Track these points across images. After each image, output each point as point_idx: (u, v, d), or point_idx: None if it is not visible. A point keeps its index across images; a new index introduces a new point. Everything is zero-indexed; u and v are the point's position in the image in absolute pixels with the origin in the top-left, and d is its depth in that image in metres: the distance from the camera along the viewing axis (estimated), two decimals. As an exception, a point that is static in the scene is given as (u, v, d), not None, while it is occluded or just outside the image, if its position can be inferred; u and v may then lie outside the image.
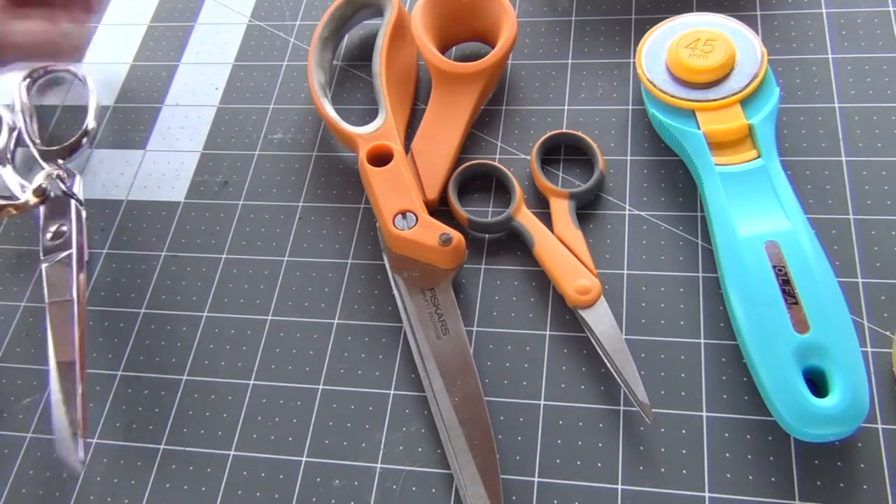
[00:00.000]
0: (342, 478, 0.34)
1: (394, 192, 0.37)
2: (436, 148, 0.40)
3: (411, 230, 0.36)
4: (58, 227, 0.41)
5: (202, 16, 0.51)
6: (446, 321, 0.36)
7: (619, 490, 0.32)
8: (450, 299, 0.36)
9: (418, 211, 0.37)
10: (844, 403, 0.31)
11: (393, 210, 0.37)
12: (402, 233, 0.36)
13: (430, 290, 0.36)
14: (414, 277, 0.37)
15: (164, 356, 0.39)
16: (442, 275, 0.37)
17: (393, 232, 0.36)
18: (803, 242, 0.34)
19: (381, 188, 0.37)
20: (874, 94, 0.40)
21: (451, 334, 0.35)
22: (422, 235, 0.36)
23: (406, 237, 0.36)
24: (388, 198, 0.37)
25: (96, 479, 0.36)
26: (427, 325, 0.36)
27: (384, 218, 0.37)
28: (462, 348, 0.35)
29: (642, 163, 0.40)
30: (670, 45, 0.40)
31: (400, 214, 0.37)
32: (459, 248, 0.36)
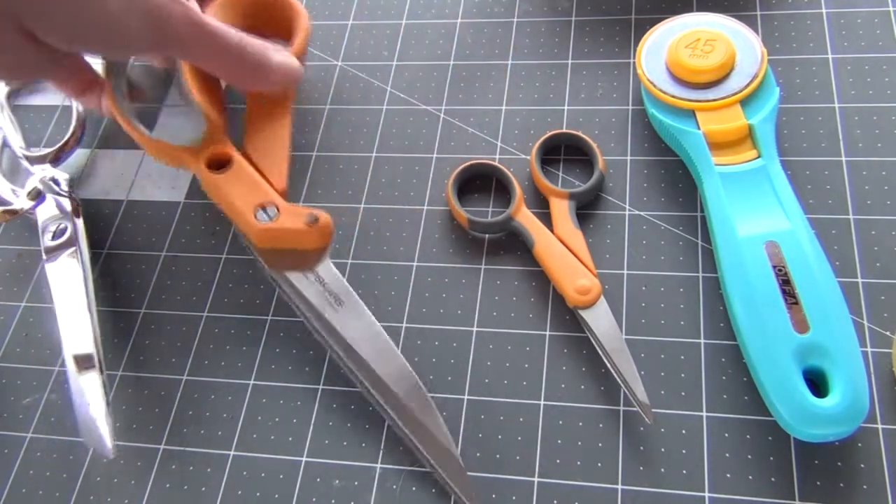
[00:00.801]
0: (342, 478, 0.34)
1: (246, 191, 0.37)
2: (268, 142, 0.40)
3: (277, 220, 0.36)
4: (57, 227, 0.41)
5: (202, 16, 0.51)
6: (337, 294, 0.36)
7: (619, 490, 0.32)
8: (334, 275, 0.37)
9: (276, 200, 0.37)
10: (844, 403, 0.31)
11: (251, 206, 0.37)
12: (268, 224, 0.36)
13: (311, 271, 0.37)
14: (293, 267, 0.37)
15: (164, 356, 0.39)
16: (317, 256, 0.37)
17: (258, 227, 0.36)
18: (803, 242, 0.34)
19: (232, 190, 0.37)
20: (874, 94, 0.40)
21: (345, 304, 0.36)
22: (289, 221, 0.36)
23: (273, 227, 0.36)
24: (242, 197, 0.37)
25: (96, 479, 0.36)
26: (321, 302, 0.36)
27: (244, 216, 0.37)
28: (360, 311, 0.36)
29: (642, 163, 0.40)
30: (670, 45, 0.40)
31: (259, 209, 0.37)
32: (328, 225, 0.36)
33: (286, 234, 0.36)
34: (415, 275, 0.39)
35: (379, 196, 0.42)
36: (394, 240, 0.40)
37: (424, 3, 0.49)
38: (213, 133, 0.39)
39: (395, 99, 0.45)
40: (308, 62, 0.47)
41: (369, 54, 0.47)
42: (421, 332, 0.37)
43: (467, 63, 0.46)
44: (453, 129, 0.43)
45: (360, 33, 0.48)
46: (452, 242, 0.40)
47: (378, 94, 0.45)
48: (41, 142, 0.47)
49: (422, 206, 0.41)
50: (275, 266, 0.37)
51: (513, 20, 0.47)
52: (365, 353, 0.35)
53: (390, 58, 0.47)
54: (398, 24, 0.48)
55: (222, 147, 0.39)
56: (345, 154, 0.44)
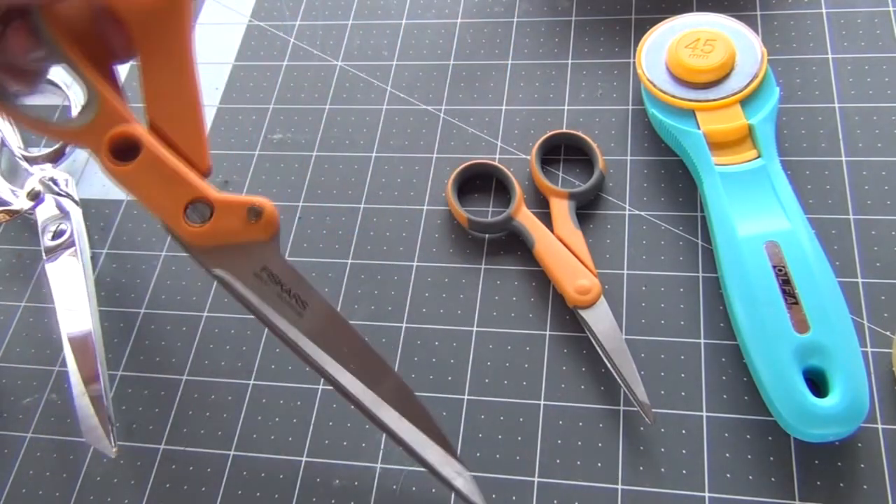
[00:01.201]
0: (342, 478, 0.34)
1: (166, 185, 0.29)
2: (177, 107, 0.31)
3: (212, 221, 0.29)
4: (57, 227, 0.41)
5: (202, 16, 0.51)
6: (298, 294, 0.31)
7: (619, 490, 0.32)
8: (288, 270, 0.31)
9: (207, 193, 0.29)
10: (844, 403, 0.31)
11: (178, 207, 0.29)
12: (202, 227, 0.29)
13: (263, 269, 0.30)
14: (237, 265, 0.30)
15: (164, 356, 0.39)
16: (267, 249, 0.30)
17: (190, 230, 0.29)
18: (803, 242, 0.34)
19: (147, 187, 0.30)
20: (874, 94, 0.40)
21: (310, 305, 0.31)
22: (226, 221, 0.29)
23: (209, 230, 0.29)
24: (162, 195, 0.30)
25: (96, 479, 0.36)
26: (281, 308, 0.30)
27: (171, 219, 0.30)
28: (329, 313, 0.31)
29: (642, 163, 0.40)
30: (670, 45, 0.40)
31: (188, 207, 0.29)
32: (273, 216, 0.30)
33: (226, 235, 0.30)
34: (415, 275, 0.39)
35: (379, 196, 0.42)
36: (394, 240, 0.40)
37: (424, 3, 0.49)
38: (109, 110, 0.30)
39: (395, 99, 0.45)
40: (308, 62, 0.48)
41: (369, 54, 0.47)
42: (421, 332, 0.37)
43: (467, 63, 0.46)
44: (453, 129, 0.43)
45: (360, 33, 0.48)
46: (452, 242, 0.40)
47: (378, 94, 0.45)
48: (40, 142, 0.47)
49: (422, 206, 0.41)
50: (214, 263, 0.31)
51: (513, 20, 0.47)
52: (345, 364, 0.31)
53: (390, 58, 0.47)
54: (398, 24, 0.48)
55: (125, 127, 0.30)
56: (345, 154, 0.44)
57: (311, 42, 0.48)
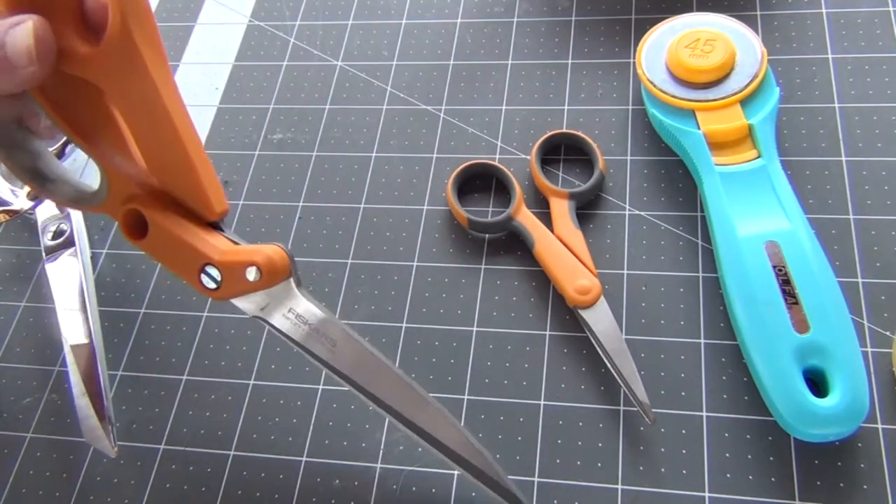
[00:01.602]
0: (342, 478, 0.34)
1: (177, 255, 0.30)
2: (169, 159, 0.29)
3: (223, 284, 0.30)
4: (57, 227, 0.41)
5: (202, 16, 0.51)
6: (325, 333, 0.31)
7: (619, 490, 0.32)
8: (310, 309, 0.31)
9: (211, 257, 0.30)
10: (844, 403, 0.31)
11: (192, 274, 0.30)
12: (217, 292, 0.30)
13: (290, 310, 0.31)
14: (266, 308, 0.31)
15: (164, 356, 0.39)
16: (285, 290, 0.31)
17: (209, 294, 0.31)
18: (803, 242, 0.34)
19: (164, 258, 0.31)
20: (874, 94, 0.40)
21: (338, 343, 0.31)
22: (235, 285, 0.30)
23: (224, 294, 0.31)
24: (178, 264, 0.30)
25: (96, 479, 0.36)
26: (315, 346, 0.31)
27: (192, 283, 0.31)
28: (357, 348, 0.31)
29: (642, 163, 0.40)
30: (670, 45, 0.40)
31: (201, 274, 0.30)
32: (272, 268, 0.30)
33: (239, 292, 0.31)
34: (415, 275, 0.39)
35: (379, 196, 0.42)
36: (394, 240, 0.40)
37: (424, 3, 0.49)
38: (116, 187, 0.30)
39: (395, 99, 0.45)
40: (308, 62, 0.48)
41: (369, 54, 0.47)
42: (421, 332, 0.37)
43: (467, 63, 0.46)
44: (453, 129, 0.43)
45: (360, 33, 0.48)
46: (452, 242, 0.40)
47: (378, 94, 0.45)
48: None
49: (422, 206, 0.41)
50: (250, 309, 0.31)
51: (513, 20, 0.47)
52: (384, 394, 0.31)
53: (390, 58, 0.47)
54: (398, 24, 0.48)
55: (131, 205, 0.30)
56: (345, 154, 0.44)
57: (311, 42, 0.48)
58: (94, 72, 0.28)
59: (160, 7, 0.52)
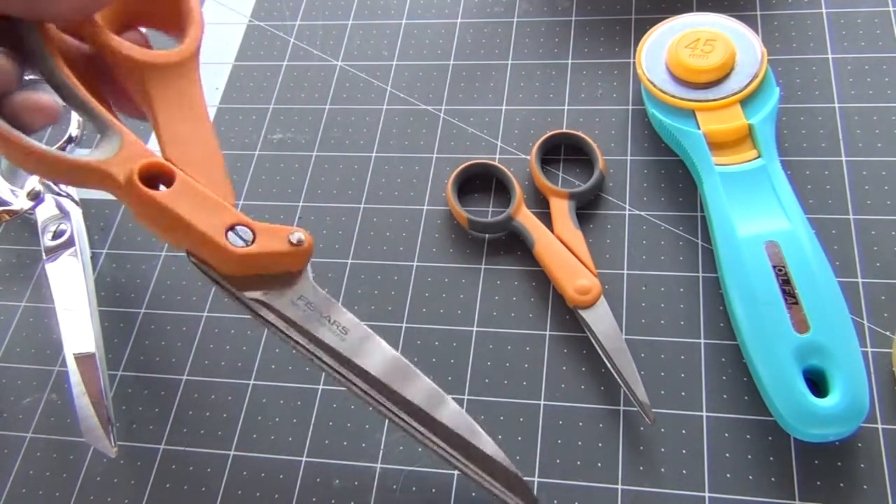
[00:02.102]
0: (342, 478, 0.34)
1: (206, 210, 0.30)
2: (199, 153, 0.31)
3: (255, 243, 0.30)
4: (57, 227, 0.41)
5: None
6: (337, 320, 0.31)
7: (619, 490, 0.32)
8: (322, 296, 0.31)
9: (246, 219, 0.30)
10: (844, 403, 0.31)
11: (219, 228, 0.30)
12: (247, 249, 0.30)
13: (300, 297, 0.31)
14: (274, 294, 0.31)
15: (164, 356, 0.39)
16: (300, 278, 0.31)
17: (234, 252, 0.29)
18: (803, 242, 0.34)
19: (188, 211, 0.29)
20: (874, 94, 0.40)
21: (350, 331, 0.31)
22: (270, 244, 0.30)
23: (253, 253, 0.30)
24: (204, 218, 0.29)
25: (96, 479, 0.36)
26: (324, 333, 0.30)
27: (213, 242, 0.29)
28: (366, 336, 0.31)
29: (642, 163, 0.40)
30: (670, 45, 0.40)
31: (229, 231, 0.30)
32: (312, 245, 0.31)
33: (268, 259, 0.30)
34: (415, 275, 0.39)
35: (379, 196, 0.42)
36: (394, 240, 0.40)
37: (424, 3, 0.49)
38: (133, 143, 0.30)
39: (395, 99, 0.45)
40: (308, 62, 0.48)
41: (369, 54, 0.47)
42: (421, 332, 0.37)
43: (467, 63, 0.46)
44: (453, 129, 0.43)
45: (360, 33, 0.48)
46: (452, 242, 0.40)
47: (378, 94, 0.45)
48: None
49: (422, 206, 0.41)
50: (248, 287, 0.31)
51: (513, 20, 0.47)
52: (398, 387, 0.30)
53: (390, 58, 0.47)
54: (398, 24, 0.48)
55: (156, 158, 0.30)
56: (345, 154, 0.44)
57: (311, 42, 0.48)
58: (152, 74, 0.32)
59: (160, 7, 0.52)
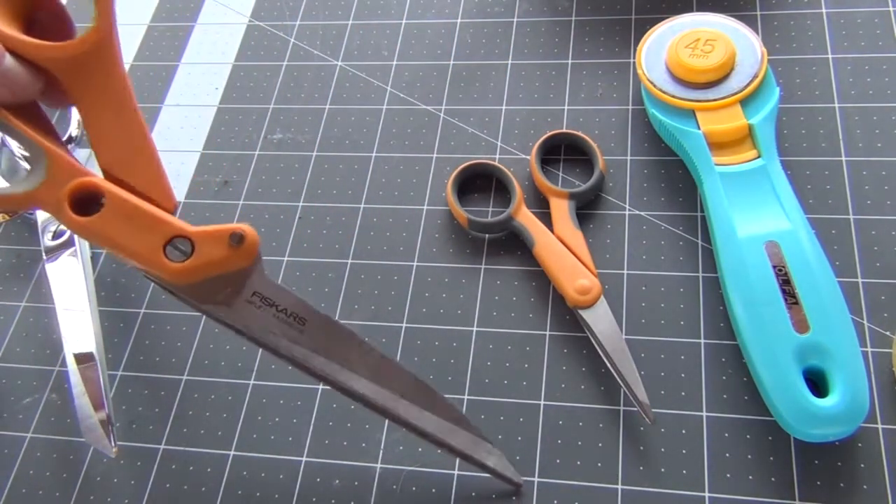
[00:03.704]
0: (342, 478, 0.34)
1: (139, 229, 0.28)
2: (128, 150, 0.30)
3: (194, 254, 0.28)
4: (57, 227, 0.41)
5: (202, 16, 0.51)
6: (295, 312, 0.30)
7: (619, 490, 0.32)
8: (278, 289, 0.30)
9: (183, 229, 0.29)
10: (844, 403, 0.31)
11: (156, 248, 0.28)
12: (187, 263, 0.28)
13: (254, 294, 0.30)
14: (227, 296, 0.30)
15: (164, 356, 0.39)
16: (253, 273, 0.30)
17: (174, 269, 0.28)
18: (803, 242, 0.34)
19: (120, 234, 0.28)
20: (874, 94, 0.40)
21: (308, 320, 0.30)
22: (211, 251, 0.29)
23: (196, 266, 0.28)
24: (138, 240, 0.28)
25: (96, 479, 0.36)
26: (282, 329, 0.30)
27: (151, 261, 0.28)
28: (328, 323, 0.30)
29: (642, 163, 0.40)
30: (670, 45, 0.40)
31: (167, 246, 0.28)
32: (255, 240, 0.29)
33: (213, 266, 0.29)
34: (415, 275, 0.39)
35: (379, 196, 0.42)
36: (394, 240, 0.40)
37: (424, 3, 0.49)
38: (60, 165, 0.28)
39: (395, 99, 0.45)
40: (308, 62, 0.48)
41: (369, 54, 0.47)
42: (421, 332, 0.37)
43: (467, 63, 0.46)
44: (453, 129, 0.43)
45: (360, 33, 0.48)
46: (452, 242, 0.40)
47: (378, 94, 0.45)
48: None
49: (422, 206, 0.41)
50: (204, 300, 0.30)
51: (513, 20, 0.47)
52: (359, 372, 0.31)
53: (390, 58, 0.47)
54: (398, 24, 0.48)
55: (83, 179, 0.28)
56: (345, 154, 0.44)
57: (311, 42, 0.48)
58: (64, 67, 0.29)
59: (160, 7, 0.52)
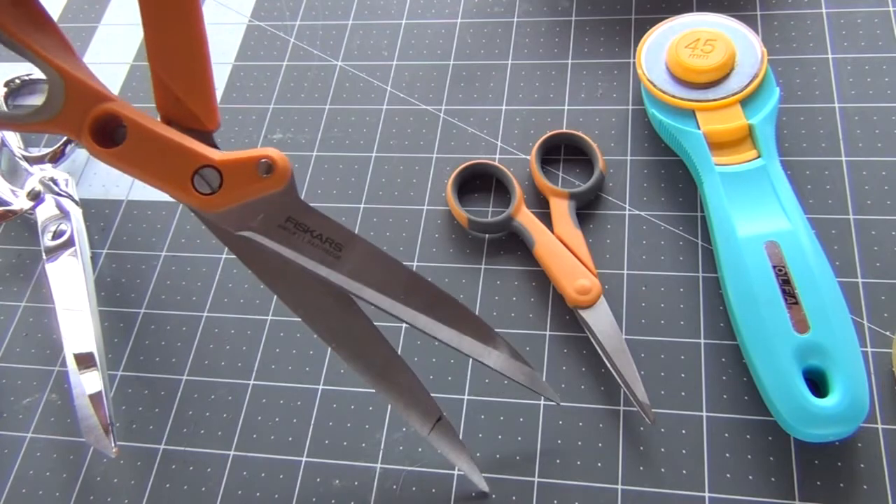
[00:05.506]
0: (342, 478, 0.34)
1: (165, 160, 0.27)
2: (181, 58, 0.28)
3: (223, 186, 0.27)
4: (57, 227, 0.41)
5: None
6: (330, 238, 0.28)
7: (619, 490, 0.32)
8: (313, 213, 0.28)
9: (211, 158, 0.27)
10: (844, 403, 0.31)
11: (184, 179, 0.27)
12: (214, 196, 0.27)
13: (288, 219, 0.28)
14: (260, 221, 0.28)
15: (164, 356, 0.39)
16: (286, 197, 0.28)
17: (202, 200, 0.27)
18: (803, 242, 0.34)
19: (145, 165, 0.27)
20: (874, 94, 0.40)
21: (346, 246, 0.28)
22: (239, 183, 0.27)
23: (222, 197, 0.27)
24: (164, 170, 0.27)
25: (96, 480, 0.36)
26: (317, 255, 0.28)
27: (179, 192, 0.27)
28: (369, 249, 0.29)
29: (642, 163, 0.40)
30: (670, 45, 0.40)
31: (195, 176, 0.27)
32: (285, 165, 0.27)
33: (239, 196, 0.28)
34: (415, 275, 0.39)
35: (379, 196, 0.42)
36: (394, 240, 0.40)
37: (424, 3, 0.49)
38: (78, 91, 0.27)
39: (395, 99, 0.45)
40: (308, 62, 0.48)
41: (369, 54, 0.47)
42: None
43: (467, 63, 0.46)
44: (453, 129, 0.43)
45: (360, 33, 0.48)
46: (452, 242, 0.40)
47: (378, 94, 0.45)
48: (40, 142, 0.47)
49: (422, 206, 0.41)
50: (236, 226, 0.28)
51: (513, 20, 0.47)
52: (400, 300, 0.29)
53: (390, 58, 0.47)
54: (398, 24, 0.48)
55: (103, 107, 0.27)
56: (345, 154, 0.44)
57: (311, 42, 0.48)
58: None
59: (160, 7, 0.52)
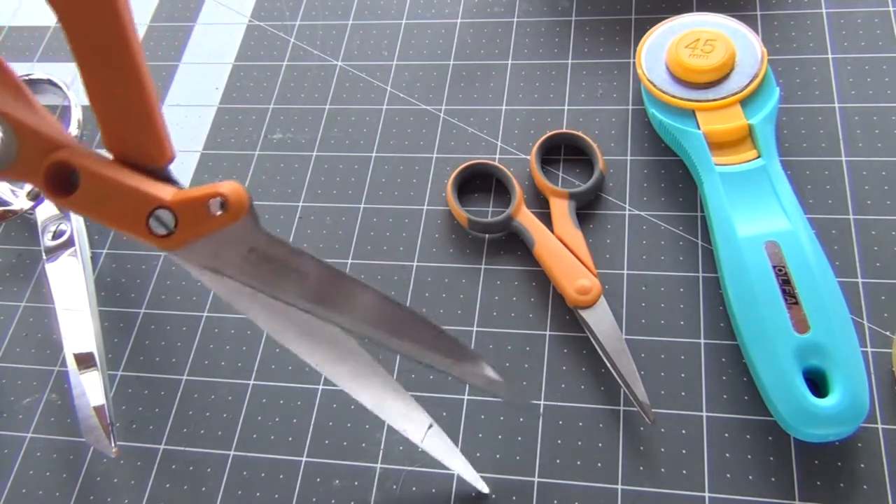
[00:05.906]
0: (342, 478, 0.34)
1: (118, 204, 0.27)
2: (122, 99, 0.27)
3: (178, 227, 0.27)
4: (57, 227, 0.41)
5: (202, 16, 0.51)
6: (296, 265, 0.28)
7: (619, 490, 0.32)
8: (275, 243, 0.28)
9: (163, 199, 0.27)
10: (844, 403, 0.31)
11: (139, 221, 0.27)
12: (171, 238, 0.27)
13: (251, 251, 0.27)
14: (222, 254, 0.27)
15: (164, 356, 0.39)
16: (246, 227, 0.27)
17: (162, 242, 0.27)
18: (803, 242, 0.34)
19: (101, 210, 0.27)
20: (874, 94, 0.40)
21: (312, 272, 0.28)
22: (193, 222, 0.27)
23: (181, 237, 0.27)
24: (119, 214, 0.27)
25: (96, 480, 0.36)
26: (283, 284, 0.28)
27: (136, 233, 0.27)
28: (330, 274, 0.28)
29: (642, 163, 0.40)
30: (670, 45, 0.40)
31: (149, 218, 0.27)
32: (238, 200, 0.27)
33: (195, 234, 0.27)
34: (415, 275, 0.39)
35: (379, 196, 0.42)
36: (394, 240, 0.40)
37: (424, 3, 0.49)
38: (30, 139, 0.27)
39: (395, 99, 0.45)
40: (308, 62, 0.48)
41: (369, 54, 0.47)
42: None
43: (467, 63, 0.46)
44: (453, 129, 0.43)
45: (360, 33, 0.48)
46: (452, 242, 0.40)
47: (378, 94, 0.45)
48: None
49: (422, 206, 0.41)
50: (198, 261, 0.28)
51: (513, 20, 0.47)
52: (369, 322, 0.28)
53: (390, 58, 0.47)
54: (398, 24, 0.48)
55: (55, 156, 0.27)
56: (345, 154, 0.44)
57: (311, 42, 0.48)
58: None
59: (160, 7, 0.52)
